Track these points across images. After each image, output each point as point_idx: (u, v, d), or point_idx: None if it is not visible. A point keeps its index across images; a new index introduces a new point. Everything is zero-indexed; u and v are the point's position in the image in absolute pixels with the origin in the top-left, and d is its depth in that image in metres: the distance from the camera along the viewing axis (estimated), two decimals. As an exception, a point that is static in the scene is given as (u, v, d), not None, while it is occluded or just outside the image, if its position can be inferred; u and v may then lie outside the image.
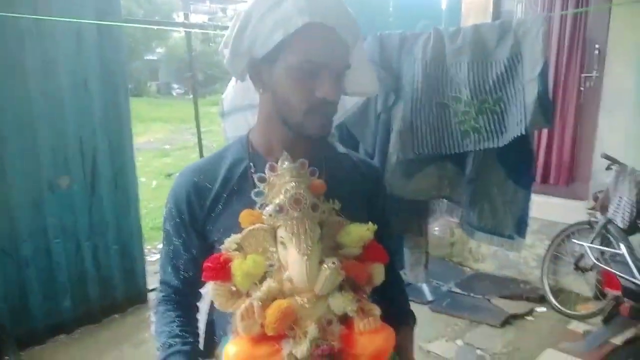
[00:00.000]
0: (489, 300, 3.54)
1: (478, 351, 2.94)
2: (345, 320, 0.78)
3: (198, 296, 1.05)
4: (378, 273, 0.86)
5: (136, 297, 3.52)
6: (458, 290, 3.70)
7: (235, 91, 1.14)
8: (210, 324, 1.04)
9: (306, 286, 0.77)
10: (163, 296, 1.00)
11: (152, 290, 3.70)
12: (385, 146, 1.59)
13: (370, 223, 0.85)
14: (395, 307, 1.00)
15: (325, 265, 0.76)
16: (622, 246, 1.89)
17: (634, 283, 1.77)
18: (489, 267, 4.06)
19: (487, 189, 1.63)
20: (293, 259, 0.77)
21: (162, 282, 1.01)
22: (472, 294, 3.64)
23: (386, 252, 0.89)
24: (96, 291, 3.22)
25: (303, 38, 0.83)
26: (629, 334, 1.88)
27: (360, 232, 0.84)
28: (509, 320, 3.26)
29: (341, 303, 0.78)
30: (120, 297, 3.39)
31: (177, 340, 0.92)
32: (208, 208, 0.93)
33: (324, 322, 0.76)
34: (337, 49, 0.86)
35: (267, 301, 0.75)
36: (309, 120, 0.86)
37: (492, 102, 1.49)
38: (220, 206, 0.92)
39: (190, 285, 0.99)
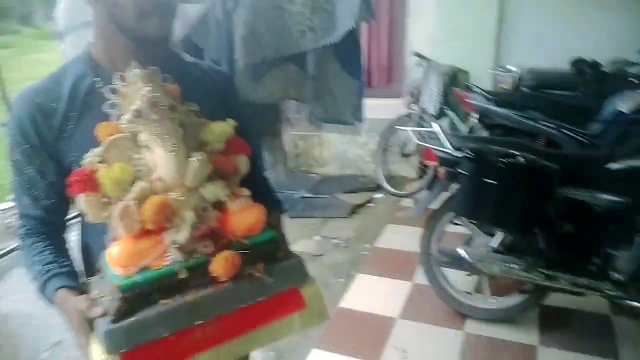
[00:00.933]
0: (336, 197, 3.96)
1: (333, 240, 3.33)
2: (219, 206, 0.86)
3: (64, 225, 1.02)
4: (243, 163, 0.93)
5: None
6: (309, 195, 4.04)
7: (69, 8, 1.05)
8: (85, 249, 1.03)
9: (177, 181, 0.82)
10: (27, 229, 0.95)
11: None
12: (230, 53, 1.61)
13: (228, 120, 0.90)
14: (264, 198, 1.10)
15: (193, 159, 0.81)
16: (434, 125, 2.25)
17: (445, 152, 2.15)
18: (332, 169, 4.47)
19: (326, 83, 1.79)
20: (160, 158, 0.81)
21: (22, 216, 0.96)
22: (321, 195, 4.01)
23: (248, 146, 0.96)
24: None
25: None
26: (446, 194, 2.31)
27: (221, 128, 0.89)
28: (354, 210, 3.74)
29: (212, 191, 0.84)
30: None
31: (52, 265, 0.91)
32: (58, 129, 0.89)
33: (200, 210, 0.83)
34: None
35: (141, 200, 0.78)
36: (145, 22, 0.86)
37: (323, 1, 1.59)
38: (71, 125, 0.90)
39: (54, 213, 0.96)
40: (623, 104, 2.21)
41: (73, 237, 1.05)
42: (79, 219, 0.99)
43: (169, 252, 0.79)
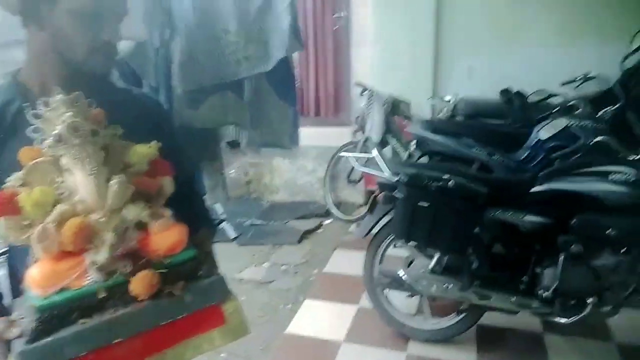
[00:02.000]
0: (286, 224, 4.00)
1: (283, 267, 3.35)
2: (142, 227, 0.88)
3: None
4: (167, 184, 0.96)
5: None
6: (259, 222, 4.06)
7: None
8: (13, 271, 1.02)
9: (98, 203, 0.84)
10: None
11: None
12: (168, 79, 1.67)
13: (153, 142, 0.93)
14: (196, 216, 1.13)
15: (113, 181, 0.84)
16: (373, 152, 2.36)
17: (384, 178, 2.25)
18: (283, 196, 4.51)
19: (263, 110, 1.87)
20: (81, 181, 0.83)
21: None
22: (271, 222, 4.04)
23: (173, 168, 0.99)
24: None
25: None
26: (386, 217, 2.40)
27: (144, 150, 0.92)
28: (304, 236, 3.78)
29: (134, 212, 0.86)
30: None
31: None
32: None
33: (121, 231, 0.85)
34: None
35: (61, 222, 0.80)
36: (93, 60, 0.91)
37: (256, 32, 1.69)
38: None
39: None
40: (543, 132, 2.40)
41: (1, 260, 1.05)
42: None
43: (89, 273, 0.81)
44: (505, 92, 3.08)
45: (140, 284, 0.81)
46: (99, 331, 0.79)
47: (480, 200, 2.06)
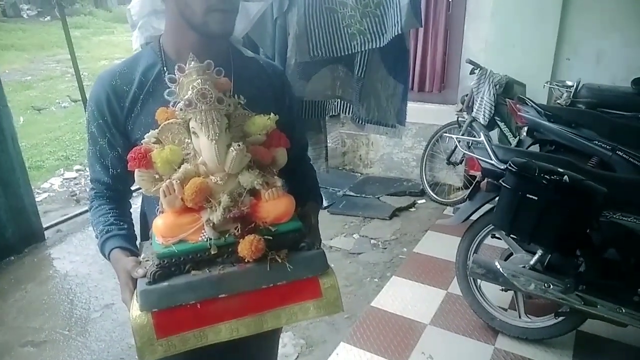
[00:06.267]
0: (378, 198, 3.98)
1: (372, 240, 3.37)
2: (254, 193, 0.93)
3: (129, 192, 1.14)
4: (281, 156, 1.00)
5: (31, 236, 3.37)
6: (352, 193, 4.08)
7: (141, 0, 1.17)
8: (143, 216, 1.15)
9: (217, 167, 0.89)
10: (95, 193, 1.09)
11: (49, 227, 3.56)
12: (284, 50, 1.71)
13: (272, 114, 0.97)
14: (304, 188, 1.17)
15: (233, 148, 0.89)
16: (482, 135, 2.23)
17: (489, 164, 2.13)
18: (377, 170, 4.48)
19: (372, 86, 1.84)
20: (204, 145, 0.88)
21: (93, 180, 1.09)
22: (364, 195, 4.04)
23: (288, 140, 1.01)
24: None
25: None
26: (487, 206, 2.28)
27: (263, 121, 0.96)
28: (395, 213, 3.74)
29: (249, 178, 0.91)
30: (12, 237, 3.23)
31: (113, 227, 1.03)
32: (127, 109, 1.01)
33: (235, 195, 0.90)
34: None
35: (185, 181, 0.87)
36: (210, 18, 0.94)
37: (373, 6, 1.65)
38: (138, 106, 1.01)
39: (120, 180, 1.08)
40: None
41: (135, 205, 1.17)
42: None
43: (204, 230, 0.87)
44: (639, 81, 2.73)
45: (247, 246, 0.86)
46: (207, 284, 0.86)
47: (598, 200, 1.87)
